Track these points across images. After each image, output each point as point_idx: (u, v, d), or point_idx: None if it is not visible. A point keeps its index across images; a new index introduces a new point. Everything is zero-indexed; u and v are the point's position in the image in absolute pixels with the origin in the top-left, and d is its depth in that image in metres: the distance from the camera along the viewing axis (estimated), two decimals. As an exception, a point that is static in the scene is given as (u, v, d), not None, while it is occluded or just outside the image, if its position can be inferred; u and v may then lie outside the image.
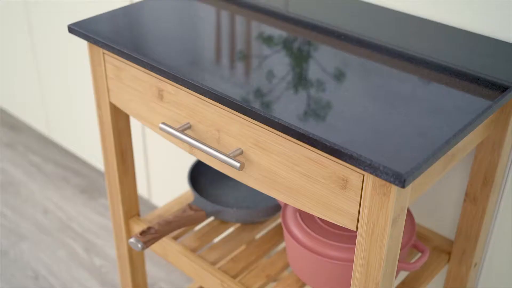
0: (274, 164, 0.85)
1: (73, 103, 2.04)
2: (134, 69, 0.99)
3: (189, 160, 1.72)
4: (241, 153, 0.89)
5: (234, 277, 1.13)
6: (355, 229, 0.80)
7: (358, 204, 0.78)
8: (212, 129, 0.91)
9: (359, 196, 0.77)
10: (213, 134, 0.92)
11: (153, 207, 2.04)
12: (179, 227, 1.15)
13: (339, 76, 0.89)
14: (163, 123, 0.93)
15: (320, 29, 1.03)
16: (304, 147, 0.80)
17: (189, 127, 0.94)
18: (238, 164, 0.85)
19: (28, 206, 2.02)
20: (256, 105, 0.81)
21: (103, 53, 1.04)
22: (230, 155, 0.87)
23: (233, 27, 1.04)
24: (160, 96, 0.97)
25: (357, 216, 0.79)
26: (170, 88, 0.94)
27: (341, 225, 0.82)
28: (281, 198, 0.87)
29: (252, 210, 1.18)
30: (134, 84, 1.01)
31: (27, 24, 2.04)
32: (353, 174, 0.76)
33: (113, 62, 1.02)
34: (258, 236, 1.72)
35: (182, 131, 0.93)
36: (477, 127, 0.88)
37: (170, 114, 0.97)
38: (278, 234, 1.23)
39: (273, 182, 0.87)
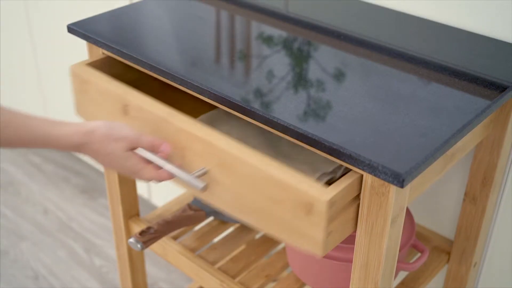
0: (239, 186, 0.80)
1: (73, 103, 2.04)
2: (99, 82, 0.94)
3: (189, 160, 1.72)
4: (206, 172, 0.84)
5: (233, 277, 1.13)
6: (321, 255, 0.76)
7: (324, 229, 0.73)
8: (177, 147, 0.87)
9: (324, 221, 0.73)
10: (178, 152, 0.87)
11: (153, 207, 2.04)
12: (178, 227, 1.15)
13: (339, 76, 0.89)
14: None
15: (320, 29, 1.03)
16: (267, 171, 0.75)
17: None
18: (201, 185, 0.80)
19: (28, 206, 2.02)
20: (256, 105, 0.81)
21: (103, 53, 1.04)
22: (194, 174, 0.82)
23: (233, 27, 1.04)
24: (125, 111, 0.92)
25: (321, 242, 0.75)
26: (134, 104, 0.90)
27: (306, 251, 0.77)
28: (248, 221, 0.83)
29: (251, 210, 1.18)
30: (99, 98, 0.96)
31: (27, 24, 2.04)
32: (317, 200, 0.72)
33: (80, 74, 0.97)
34: (258, 236, 1.72)
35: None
36: (476, 127, 0.88)
37: (136, 130, 0.92)
38: (277, 234, 1.23)
39: (240, 204, 0.82)
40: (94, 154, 0.83)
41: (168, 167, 0.83)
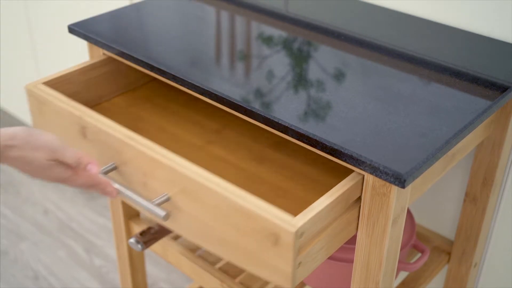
0: (203, 214, 0.77)
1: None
2: (55, 103, 0.90)
3: (189, 160, 1.72)
4: (168, 199, 0.79)
5: (234, 277, 1.13)
6: (289, 287, 0.73)
7: (292, 261, 0.70)
8: (138, 172, 0.82)
9: (292, 253, 0.69)
10: (139, 177, 0.82)
11: (153, 207, 2.04)
12: (179, 227, 1.15)
13: (339, 76, 0.89)
14: None
15: (320, 29, 1.03)
16: (231, 199, 0.72)
17: (114, 168, 0.85)
18: (163, 214, 0.76)
19: (28, 206, 2.02)
20: (256, 105, 0.81)
21: (103, 54, 1.04)
22: (156, 202, 0.78)
23: (233, 27, 1.04)
24: (83, 134, 0.88)
25: (290, 274, 0.71)
26: (92, 126, 0.85)
27: (274, 283, 0.74)
28: (213, 250, 0.79)
29: (252, 210, 1.18)
30: (57, 119, 0.91)
31: (27, 24, 2.04)
32: (283, 231, 0.68)
33: (36, 94, 0.93)
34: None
35: (105, 173, 0.84)
36: (477, 127, 0.88)
37: (95, 153, 0.88)
38: (278, 234, 1.23)
39: (204, 233, 0.78)
40: (15, 162, 0.75)
41: (127, 193, 0.78)
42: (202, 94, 0.87)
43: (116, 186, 0.80)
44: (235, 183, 0.89)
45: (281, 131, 0.79)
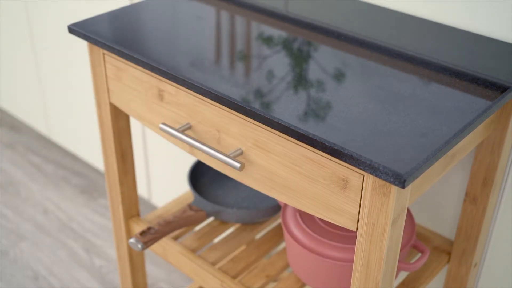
0: (274, 165, 0.85)
1: (73, 103, 2.04)
2: (134, 69, 0.99)
3: (189, 161, 1.72)
4: (241, 153, 0.89)
5: (234, 277, 1.13)
6: (355, 230, 0.80)
7: (358, 204, 0.78)
8: (212, 130, 0.92)
9: (359, 196, 0.77)
10: (213, 134, 0.92)
11: (153, 207, 2.04)
12: (179, 227, 1.15)
13: (339, 76, 0.89)
14: (163, 124, 0.93)
15: (320, 29, 1.03)
16: (304, 147, 0.80)
17: (189, 127, 0.94)
18: (238, 165, 0.85)
19: (28, 206, 2.02)
20: (256, 105, 0.81)
21: (103, 54, 1.04)
22: (230, 155, 0.87)
23: (233, 27, 1.04)
24: (160, 97, 0.97)
25: (357, 216, 0.79)
26: (170, 89, 0.94)
27: (341, 225, 0.82)
28: (281, 198, 0.87)
29: (252, 210, 1.19)
30: (134, 84, 1.01)
31: (27, 24, 2.04)
32: (353, 175, 0.76)
33: (113, 62, 1.02)
34: (258, 236, 1.72)
35: (182, 131, 0.93)
36: (477, 128, 0.88)
37: (170, 114, 0.97)
38: (278, 234, 1.23)
39: (273, 183, 0.87)
40: None
41: (204, 148, 0.88)
42: (202, 94, 0.87)
43: (193, 142, 0.90)
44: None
45: (281, 131, 0.79)
